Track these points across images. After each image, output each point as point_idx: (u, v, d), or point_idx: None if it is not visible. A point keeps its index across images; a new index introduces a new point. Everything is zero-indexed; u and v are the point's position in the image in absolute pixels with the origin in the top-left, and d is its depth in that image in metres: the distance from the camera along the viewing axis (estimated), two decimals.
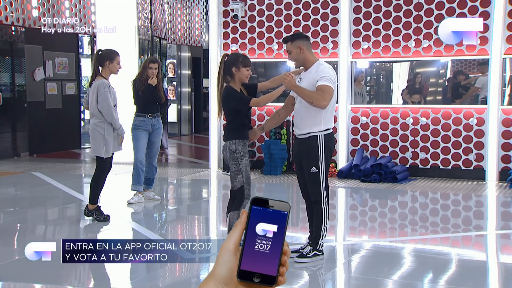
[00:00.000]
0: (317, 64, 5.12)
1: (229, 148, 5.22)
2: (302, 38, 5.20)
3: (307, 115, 5.07)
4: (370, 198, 8.45)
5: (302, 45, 5.12)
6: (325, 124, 5.08)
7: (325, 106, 4.94)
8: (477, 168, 9.56)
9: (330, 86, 4.93)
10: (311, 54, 5.18)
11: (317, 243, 5.18)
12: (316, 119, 5.05)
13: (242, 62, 5.25)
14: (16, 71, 12.10)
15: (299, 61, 5.18)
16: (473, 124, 9.54)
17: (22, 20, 11.98)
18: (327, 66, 5.09)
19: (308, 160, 5.11)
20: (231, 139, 5.24)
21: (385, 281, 4.86)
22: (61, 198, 8.25)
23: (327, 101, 4.93)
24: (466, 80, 9.68)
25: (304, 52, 5.13)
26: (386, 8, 9.84)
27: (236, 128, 5.26)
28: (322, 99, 4.93)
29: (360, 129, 10.11)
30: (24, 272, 5.03)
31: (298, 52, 5.12)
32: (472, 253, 6.12)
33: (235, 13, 10.46)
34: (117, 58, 6.50)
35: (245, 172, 5.21)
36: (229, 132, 5.30)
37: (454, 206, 8.12)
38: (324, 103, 4.92)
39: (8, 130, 12.22)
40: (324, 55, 10.16)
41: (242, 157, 5.21)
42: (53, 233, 6.63)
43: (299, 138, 5.16)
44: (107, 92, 6.37)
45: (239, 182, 5.22)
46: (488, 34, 9.29)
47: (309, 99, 4.97)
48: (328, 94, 4.93)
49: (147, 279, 4.94)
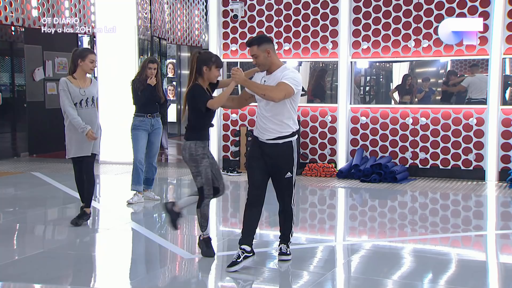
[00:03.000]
0: (282, 68, 5.03)
1: (189, 149, 5.15)
2: (268, 41, 5.08)
3: (273, 119, 4.97)
4: (370, 198, 8.45)
5: (269, 49, 5.00)
6: (292, 127, 5.01)
7: (277, 98, 4.84)
8: (477, 168, 9.56)
9: (288, 85, 4.86)
10: (277, 57, 5.08)
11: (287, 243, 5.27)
12: (283, 122, 4.97)
13: (215, 62, 5.19)
14: (16, 71, 12.10)
15: (266, 66, 5.04)
16: (473, 124, 9.55)
17: (22, 20, 11.98)
18: (292, 70, 5.03)
19: (283, 166, 5.02)
20: (191, 139, 5.17)
21: (385, 281, 4.86)
22: (61, 198, 8.25)
23: (280, 94, 4.83)
24: (454, 80, 9.72)
25: (271, 56, 5.01)
26: (386, 8, 9.85)
27: (198, 128, 5.19)
28: (275, 90, 4.85)
29: (360, 129, 10.11)
30: (24, 272, 5.03)
31: (265, 56, 4.99)
32: (472, 253, 6.12)
33: (235, 13, 10.46)
34: (90, 56, 6.43)
35: (204, 173, 5.17)
36: (190, 131, 5.22)
37: (453, 206, 8.12)
38: (276, 95, 4.83)
39: (8, 130, 12.22)
40: (324, 55, 10.16)
41: (202, 159, 5.15)
42: (53, 233, 6.64)
43: (267, 143, 5.01)
44: (61, 90, 6.38)
45: (199, 183, 5.20)
46: (488, 34, 9.29)
47: (261, 91, 4.90)
48: (284, 89, 4.84)
49: (147, 279, 4.94)
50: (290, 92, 4.89)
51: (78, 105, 6.40)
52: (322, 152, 10.31)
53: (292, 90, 4.89)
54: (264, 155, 5.03)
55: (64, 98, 6.38)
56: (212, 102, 5.11)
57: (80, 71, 6.44)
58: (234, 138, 10.67)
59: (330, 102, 10.31)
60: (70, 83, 6.38)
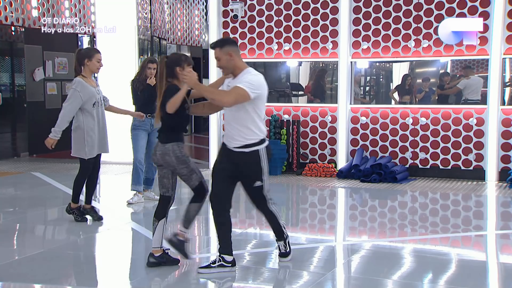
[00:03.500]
0: (245, 71, 4.84)
1: (174, 153, 4.94)
2: (231, 44, 4.91)
3: (237, 125, 4.81)
4: (370, 198, 8.45)
5: (232, 52, 4.83)
6: (259, 134, 4.83)
7: (227, 103, 4.68)
8: (477, 168, 9.56)
9: (242, 88, 4.66)
10: (240, 61, 4.88)
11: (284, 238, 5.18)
12: (248, 129, 4.79)
13: (186, 60, 4.98)
14: (16, 71, 12.10)
15: (228, 69, 4.86)
16: (473, 124, 9.55)
17: (22, 20, 11.98)
18: (254, 74, 4.82)
19: (251, 175, 4.87)
20: (171, 141, 4.96)
21: (385, 281, 4.86)
22: (61, 198, 8.25)
23: (229, 98, 4.65)
24: (452, 82, 9.74)
25: (234, 59, 4.83)
26: (386, 8, 9.85)
27: (173, 130, 5.00)
28: (225, 95, 4.70)
29: (360, 129, 10.11)
30: (24, 272, 5.03)
31: (228, 59, 4.82)
32: (472, 253, 6.12)
33: (235, 13, 10.46)
34: (96, 56, 6.39)
35: (196, 168, 5.04)
36: (167, 134, 4.99)
37: (453, 206, 8.12)
38: (226, 100, 4.66)
39: (8, 130, 12.22)
40: (324, 55, 10.16)
41: (188, 157, 5.02)
42: (53, 233, 6.64)
43: (234, 151, 4.85)
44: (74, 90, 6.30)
45: (196, 180, 5.05)
46: (488, 34, 9.29)
47: (211, 95, 4.74)
48: (235, 93, 4.65)
49: (146, 279, 4.94)
50: (244, 96, 4.67)
51: (97, 104, 6.36)
52: (322, 152, 10.31)
53: (246, 94, 4.66)
54: (231, 163, 4.88)
55: (74, 98, 6.28)
56: (168, 105, 4.86)
57: (87, 71, 6.41)
58: None
59: (330, 102, 10.31)
60: (86, 83, 6.34)
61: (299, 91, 10.71)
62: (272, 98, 10.72)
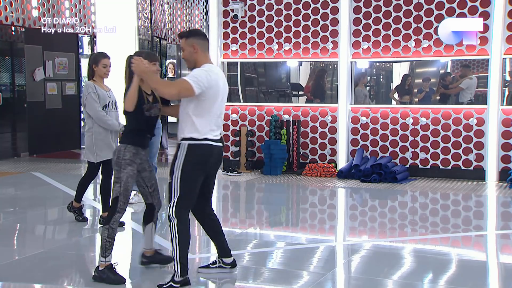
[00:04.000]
0: (201, 66, 4.61)
1: (118, 152, 4.75)
2: (198, 36, 4.66)
3: (181, 119, 4.63)
4: (370, 198, 8.45)
5: (196, 44, 4.61)
6: (196, 132, 4.53)
7: (169, 94, 4.49)
8: (477, 168, 9.56)
9: (186, 81, 4.42)
10: (203, 56, 4.64)
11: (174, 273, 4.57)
12: (187, 124, 4.56)
13: (147, 57, 4.76)
14: (16, 71, 12.10)
15: (191, 62, 4.66)
16: (473, 124, 9.54)
17: (22, 20, 11.98)
18: (206, 70, 4.54)
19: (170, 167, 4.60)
20: (123, 142, 4.79)
21: (385, 281, 4.86)
22: (61, 198, 8.25)
23: (171, 90, 4.45)
24: (454, 83, 9.74)
25: (198, 53, 4.62)
26: (386, 8, 9.84)
27: (132, 131, 4.81)
28: (166, 86, 4.54)
29: (360, 129, 10.11)
30: (24, 272, 5.03)
31: (190, 51, 4.62)
32: (472, 253, 6.12)
33: (235, 13, 10.46)
34: (103, 61, 6.31)
35: (124, 182, 4.70)
36: (125, 134, 4.86)
37: (454, 206, 8.12)
38: (167, 91, 4.46)
39: (8, 130, 12.21)
40: (324, 55, 10.16)
41: (127, 165, 4.71)
42: (53, 234, 6.63)
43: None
44: (90, 93, 6.28)
45: (116, 192, 4.72)
46: (488, 34, 9.29)
47: (155, 85, 4.51)
48: (178, 86, 4.46)
49: (147, 279, 4.94)
50: (188, 89, 4.42)
51: (107, 108, 6.35)
52: (322, 152, 10.31)
53: (189, 87, 4.41)
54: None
55: (93, 102, 6.24)
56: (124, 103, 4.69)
57: (97, 76, 6.42)
58: (234, 138, 10.67)
59: (330, 102, 10.30)
60: (97, 86, 6.33)
61: (299, 91, 10.72)
62: (272, 98, 10.73)
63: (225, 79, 4.78)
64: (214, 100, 4.57)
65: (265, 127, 10.48)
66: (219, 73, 4.70)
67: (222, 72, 4.81)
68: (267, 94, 10.82)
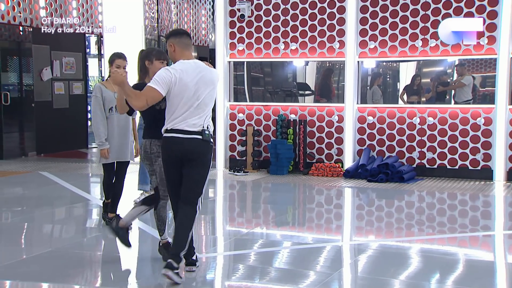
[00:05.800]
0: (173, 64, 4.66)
1: (144, 147, 5.07)
2: (174, 35, 4.71)
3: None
4: (377, 198, 8.44)
5: (174, 43, 4.68)
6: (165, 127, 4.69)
7: (138, 107, 4.58)
8: (485, 168, 9.53)
9: (150, 87, 4.51)
10: (180, 54, 4.69)
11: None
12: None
13: (155, 55, 5.03)
14: (23, 71, 12.15)
15: (173, 61, 4.72)
16: (481, 123, 9.51)
17: (30, 20, 12.03)
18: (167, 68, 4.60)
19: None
20: (147, 137, 5.07)
21: (392, 281, 4.85)
22: (68, 197, 8.28)
23: (139, 102, 4.52)
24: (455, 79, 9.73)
25: (175, 52, 4.69)
26: (393, 7, 9.82)
27: (149, 127, 5.08)
28: (135, 98, 4.54)
29: (366, 129, 10.09)
30: (31, 271, 5.05)
31: (171, 51, 4.71)
32: (480, 253, 6.09)
33: (242, 12, 10.46)
34: (116, 61, 6.21)
35: (159, 173, 5.01)
36: (146, 129, 5.12)
37: (461, 206, 8.09)
38: (135, 103, 4.54)
39: (16, 129, 12.26)
40: (331, 54, 10.15)
41: (157, 157, 4.98)
42: (60, 233, 6.66)
43: None
44: (93, 96, 6.27)
45: (154, 183, 5.07)
46: (496, 34, 9.25)
47: (126, 96, 4.62)
48: (145, 95, 4.51)
49: (152, 278, 4.95)
50: (153, 96, 4.52)
51: (114, 109, 6.31)
52: (328, 151, 10.30)
53: (155, 93, 4.50)
54: None
55: (95, 105, 6.24)
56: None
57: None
58: (240, 137, 10.67)
59: (337, 102, 10.29)
60: (104, 88, 6.30)
61: (306, 91, 10.71)
62: (279, 98, 10.72)
63: (206, 70, 4.68)
64: (181, 95, 4.58)
65: (271, 126, 10.48)
66: (189, 68, 4.62)
67: (198, 65, 4.68)
68: (274, 94, 10.82)
